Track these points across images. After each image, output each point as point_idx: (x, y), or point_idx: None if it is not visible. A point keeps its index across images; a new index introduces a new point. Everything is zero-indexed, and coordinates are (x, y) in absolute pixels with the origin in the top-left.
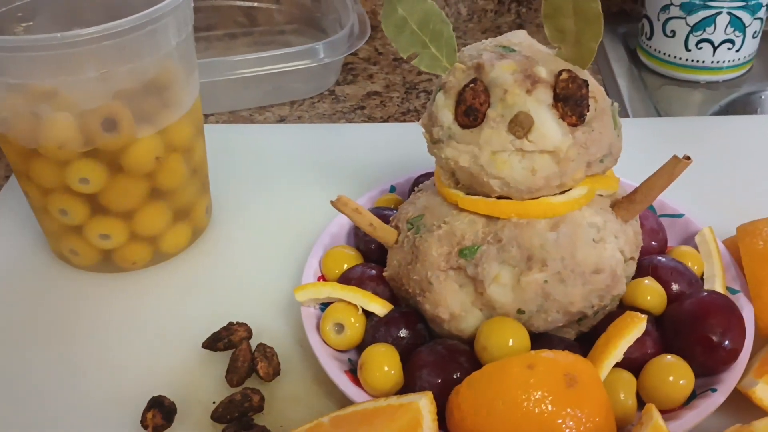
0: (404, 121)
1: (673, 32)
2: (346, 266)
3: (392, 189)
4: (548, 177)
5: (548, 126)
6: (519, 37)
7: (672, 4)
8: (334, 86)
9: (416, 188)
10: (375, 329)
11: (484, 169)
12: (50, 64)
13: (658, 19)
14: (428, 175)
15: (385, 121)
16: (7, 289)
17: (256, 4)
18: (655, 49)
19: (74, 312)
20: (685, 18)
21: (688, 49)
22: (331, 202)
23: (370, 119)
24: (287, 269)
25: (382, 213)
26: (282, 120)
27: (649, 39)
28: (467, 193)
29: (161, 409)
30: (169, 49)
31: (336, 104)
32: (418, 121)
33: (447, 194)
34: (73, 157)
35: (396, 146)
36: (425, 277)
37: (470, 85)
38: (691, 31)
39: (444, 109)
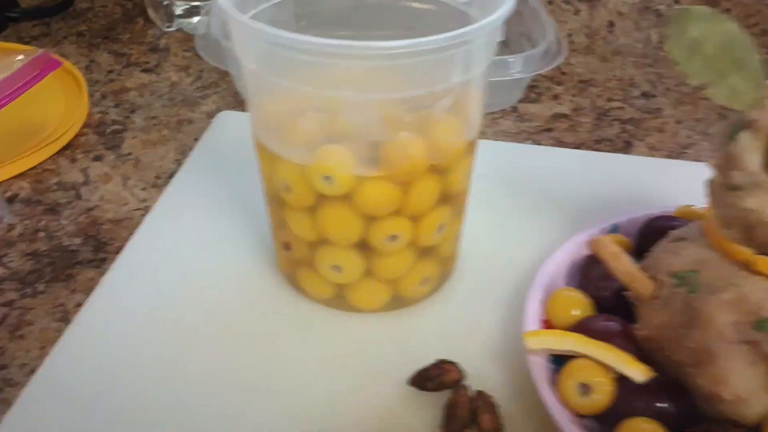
0: (598, 150)
1: None
2: (576, 313)
3: (614, 228)
4: None
5: None
6: None
7: None
8: (517, 104)
9: (670, 234)
10: (633, 397)
11: None
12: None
13: None
14: (664, 219)
15: (577, 147)
16: (236, 306)
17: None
18: None
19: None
20: None
21: None
22: (590, 241)
23: (560, 143)
24: (498, 308)
25: None
26: None
27: None
28: (760, 253)
29: None
30: (475, 74)
31: (520, 123)
32: (612, 151)
33: (733, 251)
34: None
35: (601, 178)
36: (705, 347)
37: None
38: None
39: (751, 152)
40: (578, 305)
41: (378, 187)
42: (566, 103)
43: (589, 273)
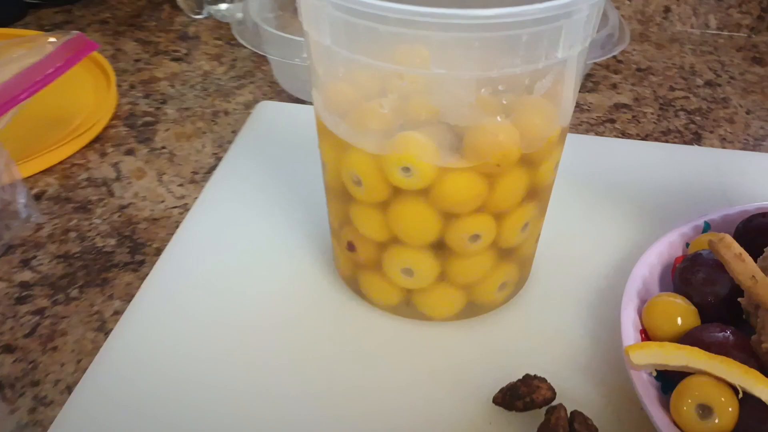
0: (667, 142)
1: None
2: (680, 321)
3: (706, 226)
4: None
5: None
6: None
7: None
8: None
9: None
10: (761, 420)
11: None
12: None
13: None
14: (764, 216)
15: (643, 139)
16: (289, 315)
17: None
18: None
19: (367, 349)
20: None
21: None
22: (711, 240)
23: (624, 135)
24: (581, 316)
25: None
26: None
27: None
28: None
29: None
30: (576, 51)
31: (580, 113)
32: (681, 143)
33: None
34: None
35: (674, 171)
36: None
37: None
38: None
39: None
40: (683, 313)
41: (462, 180)
42: (626, 93)
43: (691, 277)
